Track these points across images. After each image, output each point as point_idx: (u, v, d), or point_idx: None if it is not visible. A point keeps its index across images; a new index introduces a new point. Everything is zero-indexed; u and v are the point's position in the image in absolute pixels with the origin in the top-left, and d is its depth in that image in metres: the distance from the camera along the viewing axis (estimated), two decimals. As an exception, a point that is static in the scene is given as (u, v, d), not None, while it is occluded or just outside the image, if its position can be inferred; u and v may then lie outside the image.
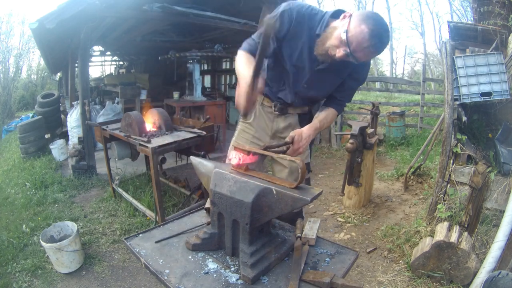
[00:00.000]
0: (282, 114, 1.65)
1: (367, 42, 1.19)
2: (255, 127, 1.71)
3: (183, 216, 1.55)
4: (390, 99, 9.07)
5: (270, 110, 1.66)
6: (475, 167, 2.54)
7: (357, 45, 1.21)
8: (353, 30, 1.20)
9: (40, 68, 16.47)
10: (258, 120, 1.70)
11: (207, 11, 4.85)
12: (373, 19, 1.21)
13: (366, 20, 1.20)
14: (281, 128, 1.67)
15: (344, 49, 1.24)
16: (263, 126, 1.70)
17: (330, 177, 4.52)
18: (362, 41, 1.20)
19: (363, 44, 1.20)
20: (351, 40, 1.21)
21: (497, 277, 1.85)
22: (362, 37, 1.19)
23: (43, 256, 2.58)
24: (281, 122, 1.67)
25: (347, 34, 1.21)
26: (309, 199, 1.00)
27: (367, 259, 2.61)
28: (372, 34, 1.18)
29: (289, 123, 1.66)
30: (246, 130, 1.74)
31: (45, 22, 3.20)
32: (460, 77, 2.67)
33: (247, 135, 1.72)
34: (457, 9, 14.28)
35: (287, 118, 1.66)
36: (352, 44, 1.22)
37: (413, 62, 20.30)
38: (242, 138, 1.73)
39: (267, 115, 1.68)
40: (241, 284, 1.07)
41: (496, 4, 3.03)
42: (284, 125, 1.67)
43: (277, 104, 1.63)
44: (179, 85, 8.06)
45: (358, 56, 1.25)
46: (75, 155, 4.33)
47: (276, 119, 1.67)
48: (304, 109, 1.68)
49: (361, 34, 1.19)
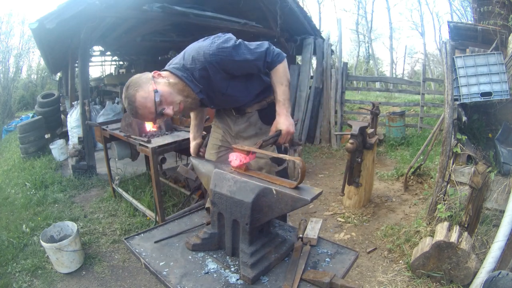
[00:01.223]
0: (241, 115, 1.66)
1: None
2: (222, 128, 1.76)
3: (183, 216, 1.55)
4: (390, 99, 9.07)
5: (230, 112, 1.68)
6: (475, 167, 2.54)
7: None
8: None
9: (40, 68, 16.46)
10: (221, 122, 1.75)
11: (207, 11, 4.85)
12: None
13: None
14: (242, 128, 1.67)
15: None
16: (226, 128, 1.74)
17: (330, 177, 4.52)
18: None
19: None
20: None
21: (497, 277, 1.85)
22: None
23: (43, 256, 2.58)
24: (242, 122, 1.67)
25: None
26: (309, 199, 1.00)
27: (367, 259, 2.61)
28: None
29: (250, 122, 1.66)
30: (215, 131, 1.80)
31: (45, 22, 3.20)
32: (460, 77, 2.67)
33: (217, 135, 1.79)
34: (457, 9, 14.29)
35: (247, 117, 1.66)
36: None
37: (413, 62, 20.32)
38: (213, 139, 1.80)
39: (229, 117, 1.70)
40: (241, 284, 1.07)
41: (496, 4, 3.03)
42: (245, 125, 1.67)
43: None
44: (179, 85, 8.06)
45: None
46: (75, 155, 4.33)
47: (237, 121, 1.68)
48: (262, 103, 1.64)
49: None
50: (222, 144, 1.75)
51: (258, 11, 5.66)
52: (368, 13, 20.09)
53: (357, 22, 20.61)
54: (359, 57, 20.41)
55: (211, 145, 1.79)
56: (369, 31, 20.14)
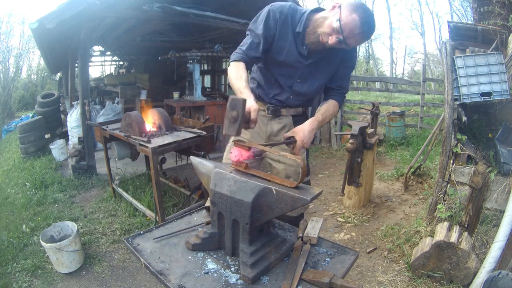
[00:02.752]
0: (275, 117, 1.65)
1: (358, 29, 1.30)
2: (250, 131, 1.71)
3: (183, 216, 1.55)
4: (390, 99, 9.08)
5: (264, 113, 1.66)
6: (475, 167, 2.54)
7: (349, 32, 1.31)
8: (345, 19, 1.30)
9: (40, 68, 16.47)
10: None
11: (207, 11, 4.86)
12: (362, 8, 1.32)
13: (356, 10, 1.30)
14: (275, 131, 1.67)
15: (337, 36, 1.34)
16: (257, 130, 1.70)
17: (330, 177, 4.52)
18: (354, 28, 1.30)
19: (355, 31, 1.31)
20: (344, 28, 1.31)
21: (497, 277, 1.85)
22: (354, 24, 1.29)
23: (43, 256, 2.58)
24: (275, 124, 1.67)
25: (340, 23, 1.31)
26: (309, 198, 1.00)
27: (367, 259, 2.61)
28: (363, 22, 1.29)
29: (284, 125, 1.67)
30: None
31: (45, 22, 3.20)
32: (460, 77, 2.67)
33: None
34: (457, 9, 14.31)
35: (281, 120, 1.67)
36: (344, 31, 1.31)
37: (413, 62, 20.32)
38: None
39: (260, 118, 1.67)
40: (241, 284, 1.07)
41: (496, 4, 3.02)
42: (278, 127, 1.67)
43: (270, 107, 1.64)
44: (179, 85, 8.07)
45: (349, 42, 1.35)
46: (75, 155, 4.33)
47: (270, 122, 1.67)
48: (298, 110, 1.68)
49: (353, 22, 1.29)
50: None
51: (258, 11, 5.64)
52: (368, 13, 20.06)
53: (357, 22, 20.57)
54: (359, 57, 20.41)
55: None
56: (369, 31, 20.09)
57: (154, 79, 8.23)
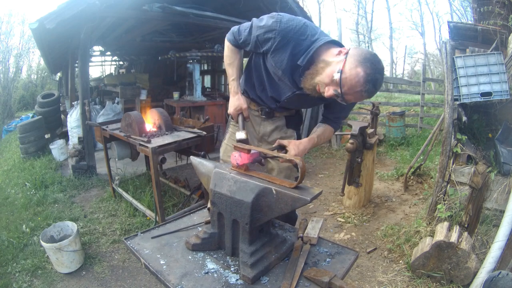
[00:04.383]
0: (269, 118, 1.65)
1: (360, 87, 1.14)
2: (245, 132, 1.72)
3: (183, 216, 1.55)
4: (390, 99, 9.08)
5: (257, 114, 1.66)
6: (475, 167, 2.54)
7: (349, 88, 1.15)
8: (348, 72, 1.14)
9: (40, 68, 16.46)
10: (246, 124, 1.70)
11: (207, 11, 4.86)
12: (371, 62, 1.13)
13: (363, 63, 1.13)
14: (268, 131, 1.67)
15: (335, 89, 1.18)
16: (251, 130, 1.70)
17: (330, 177, 4.52)
18: (356, 85, 1.14)
19: (356, 88, 1.15)
20: (344, 83, 1.15)
21: (497, 277, 1.85)
22: (356, 80, 1.13)
23: (43, 256, 2.58)
24: (268, 125, 1.66)
25: (341, 75, 1.15)
26: (309, 198, 1.00)
27: (367, 259, 2.61)
28: (367, 79, 1.12)
29: (276, 125, 1.66)
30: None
31: (45, 22, 3.20)
32: (460, 77, 2.67)
33: None
34: (457, 9, 14.28)
35: (274, 121, 1.66)
36: (344, 86, 1.15)
37: (413, 62, 20.30)
38: (232, 141, 1.72)
39: (254, 118, 1.68)
40: (241, 284, 1.07)
41: (496, 4, 3.02)
42: (271, 128, 1.66)
43: (264, 109, 1.63)
44: (179, 85, 8.07)
45: (347, 99, 1.20)
46: (75, 155, 4.33)
47: (263, 123, 1.67)
48: (291, 111, 1.67)
49: (356, 77, 1.13)
50: None
51: (258, 11, 5.65)
52: (368, 13, 20.13)
53: (357, 22, 20.63)
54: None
55: (231, 148, 1.69)
56: (369, 31, 20.15)
57: (154, 79, 8.23)
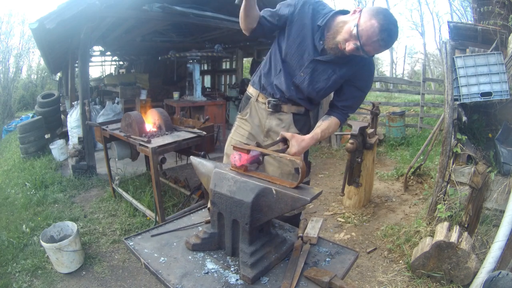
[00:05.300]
0: (275, 112, 1.64)
1: (376, 36, 1.23)
2: (251, 123, 1.71)
3: (183, 216, 1.55)
4: (390, 99, 9.09)
5: (264, 107, 1.65)
6: (475, 167, 2.54)
7: (367, 39, 1.25)
8: (364, 25, 1.25)
9: (40, 68, 16.48)
10: (253, 117, 1.70)
11: (207, 11, 4.86)
12: (383, 14, 1.24)
13: (376, 15, 1.24)
14: (274, 126, 1.66)
15: (354, 42, 1.28)
16: (258, 123, 1.69)
17: (330, 177, 4.52)
18: (372, 35, 1.24)
19: (373, 38, 1.24)
20: (361, 34, 1.25)
21: (497, 277, 1.85)
22: (372, 31, 1.23)
23: (43, 256, 2.58)
24: (274, 120, 1.65)
25: (358, 28, 1.25)
26: (309, 198, 1.00)
27: (367, 259, 2.61)
28: (382, 29, 1.22)
29: (283, 122, 1.65)
30: (242, 126, 1.74)
31: (45, 22, 3.20)
32: (460, 77, 2.67)
33: (243, 131, 1.72)
34: (457, 9, 14.30)
35: (281, 116, 1.65)
36: (362, 37, 1.25)
37: (413, 62, 20.32)
38: (238, 134, 1.73)
39: (261, 112, 1.67)
40: (241, 284, 1.07)
41: (496, 4, 3.02)
42: (277, 123, 1.65)
43: (271, 101, 1.62)
44: (179, 85, 8.07)
45: (367, 50, 1.29)
46: (75, 155, 4.33)
47: (269, 117, 1.66)
48: (300, 108, 1.65)
49: (371, 28, 1.23)
50: (249, 137, 1.70)
51: (258, 11, 5.65)
52: (368, 13, 20.05)
53: (357, 22, 20.56)
54: (359, 57, 20.36)
55: (235, 142, 1.69)
56: (369, 31, 20.08)
57: (154, 79, 8.23)
